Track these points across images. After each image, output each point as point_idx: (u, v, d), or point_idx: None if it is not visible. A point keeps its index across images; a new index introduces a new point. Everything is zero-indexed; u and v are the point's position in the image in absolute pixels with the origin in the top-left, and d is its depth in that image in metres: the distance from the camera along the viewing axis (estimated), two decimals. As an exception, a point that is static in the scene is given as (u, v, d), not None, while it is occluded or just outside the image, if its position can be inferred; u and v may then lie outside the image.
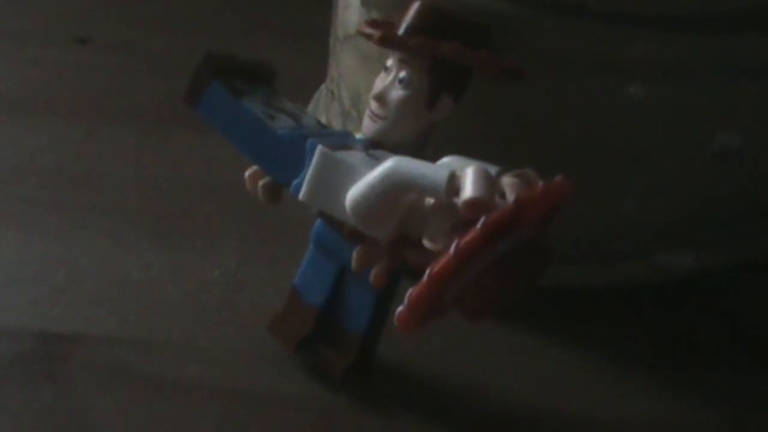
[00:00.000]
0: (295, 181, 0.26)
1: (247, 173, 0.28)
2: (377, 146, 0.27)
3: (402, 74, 0.27)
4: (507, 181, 0.23)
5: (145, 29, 0.48)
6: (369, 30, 0.27)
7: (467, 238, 0.22)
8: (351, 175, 0.25)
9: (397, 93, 0.27)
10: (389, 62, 0.27)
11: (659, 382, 0.31)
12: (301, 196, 0.26)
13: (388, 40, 0.27)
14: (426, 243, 0.23)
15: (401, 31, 0.27)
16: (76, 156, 0.39)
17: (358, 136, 0.28)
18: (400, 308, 0.23)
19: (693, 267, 0.36)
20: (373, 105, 0.27)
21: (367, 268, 0.26)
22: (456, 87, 0.27)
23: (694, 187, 0.33)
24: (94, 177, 0.38)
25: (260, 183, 0.28)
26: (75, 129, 0.41)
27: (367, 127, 0.27)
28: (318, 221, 0.29)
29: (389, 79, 0.27)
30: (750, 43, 0.30)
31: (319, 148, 0.25)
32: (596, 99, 0.30)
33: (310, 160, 0.26)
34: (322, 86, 0.39)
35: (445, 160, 0.26)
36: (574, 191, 0.24)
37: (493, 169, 0.24)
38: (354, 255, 0.26)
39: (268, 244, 0.35)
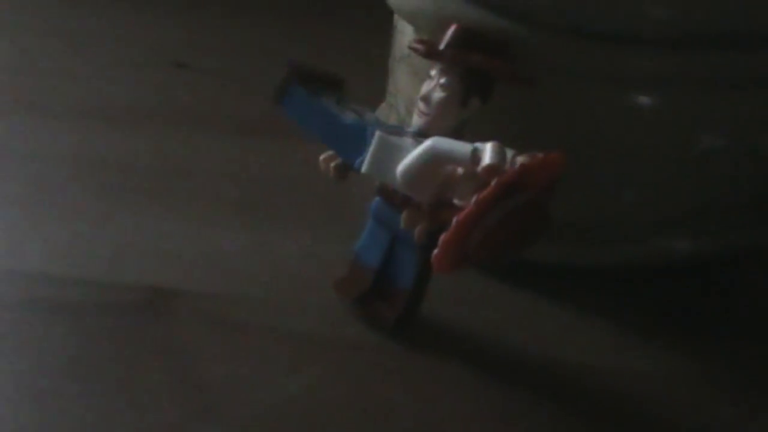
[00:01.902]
0: (359, 159, 0.34)
1: (321, 157, 0.36)
2: (422, 136, 0.34)
3: (442, 80, 0.34)
4: (518, 157, 0.31)
5: (236, 56, 0.56)
6: (417, 45, 0.34)
7: (484, 193, 0.29)
8: (400, 152, 0.33)
9: (438, 95, 0.34)
10: (433, 72, 0.35)
11: (657, 340, 0.38)
12: (363, 169, 0.34)
13: (431, 53, 0.34)
14: (456, 202, 0.31)
15: (441, 46, 0.35)
16: (178, 156, 0.47)
17: (408, 128, 0.36)
18: (434, 251, 0.31)
19: (689, 252, 0.43)
20: (420, 105, 0.35)
21: (413, 227, 0.34)
22: (483, 90, 0.35)
23: (685, 182, 0.39)
24: (194, 172, 0.46)
25: (332, 164, 0.36)
26: (174, 135, 0.49)
27: (415, 121, 0.35)
28: (376, 199, 0.37)
29: (432, 84, 0.35)
30: (727, 59, 0.37)
31: (377, 133, 0.33)
32: (596, 106, 0.37)
33: (370, 142, 0.33)
34: (383, 104, 0.46)
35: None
36: (566, 166, 0.31)
37: (509, 152, 0.32)
38: (402, 217, 0.34)
39: (336, 225, 0.42)
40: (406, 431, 0.33)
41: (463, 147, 0.31)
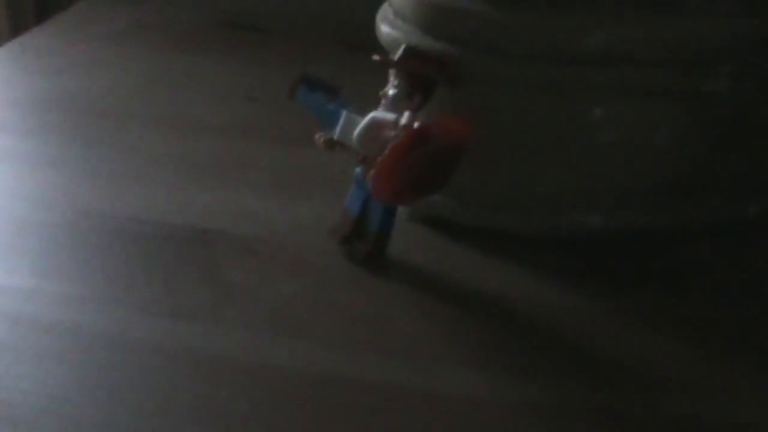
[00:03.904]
0: (336, 129, 0.50)
1: (316, 135, 0.52)
2: (383, 120, 0.50)
3: (395, 82, 0.50)
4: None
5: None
6: (377, 58, 0.50)
7: (400, 137, 0.45)
8: (357, 124, 0.49)
9: (391, 91, 0.49)
10: (391, 77, 0.51)
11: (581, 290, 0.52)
12: (335, 136, 0.50)
13: (386, 62, 0.50)
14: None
15: (395, 58, 0.50)
16: (240, 154, 0.64)
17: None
18: (371, 179, 0.46)
19: (600, 226, 0.56)
20: (383, 99, 0.51)
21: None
22: (425, 89, 0.50)
23: (592, 168, 0.51)
24: (250, 165, 0.63)
25: (322, 139, 0.52)
26: (238, 142, 0.66)
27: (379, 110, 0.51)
28: (357, 168, 0.52)
29: (390, 83, 0.51)
30: (621, 73, 0.50)
31: (344, 112, 0.49)
32: (521, 108, 0.51)
33: (341, 119, 0.50)
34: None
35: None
36: (470, 131, 0.46)
37: (422, 119, 0.47)
38: (360, 168, 0.50)
39: (338, 198, 0.57)
40: (361, 322, 0.48)
41: (391, 116, 0.47)
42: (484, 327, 0.48)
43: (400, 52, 0.50)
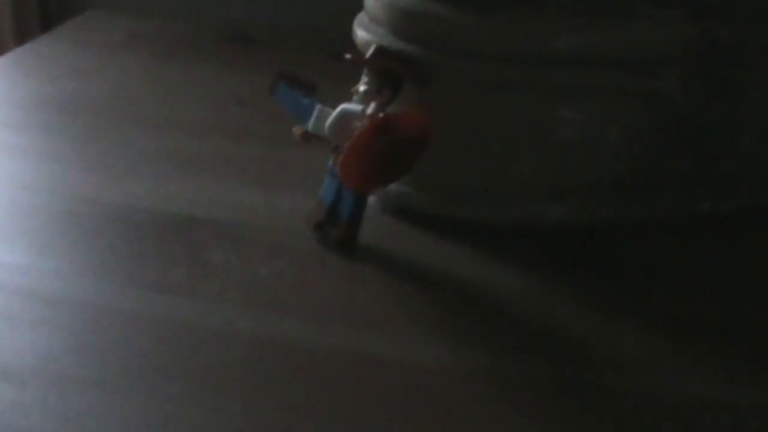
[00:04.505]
0: (309, 122, 0.54)
1: (293, 128, 0.56)
2: (354, 113, 0.55)
3: (365, 78, 0.54)
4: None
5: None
6: (349, 56, 0.54)
7: (365, 125, 0.49)
8: (329, 116, 0.53)
9: (362, 87, 0.54)
10: (363, 74, 0.55)
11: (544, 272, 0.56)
12: (309, 128, 0.54)
13: (357, 60, 0.54)
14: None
15: (366, 56, 0.55)
16: (227, 151, 0.68)
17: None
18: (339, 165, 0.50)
19: (560, 218, 0.60)
20: (354, 95, 0.55)
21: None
22: (393, 85, 0.54)
23: (553, 164, 0.56)
24: (234, 160, 0.67)
25: (299, 132, 0.56)
26: (226, 140, 0.70)
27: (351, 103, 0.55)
28: (330, 160, 0.56)
29: (362, 80, 0.55)
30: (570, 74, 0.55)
31: (317, 106, 0.54)
32: (486, 107, 0.55)
33: (315, 112, 0.54)
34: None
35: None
36: (429, 126, 0.50)
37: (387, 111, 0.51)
38: (333, 157, 0.54)
39: (315, 190, 0.62)
40: (331, 297, 0.52)
41: (358, 108, 0.51)
42: (448, 306, 0.52)
43: (371, 50, 0.54)
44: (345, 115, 0.52)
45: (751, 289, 0.54)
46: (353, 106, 0.52)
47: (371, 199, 0.58)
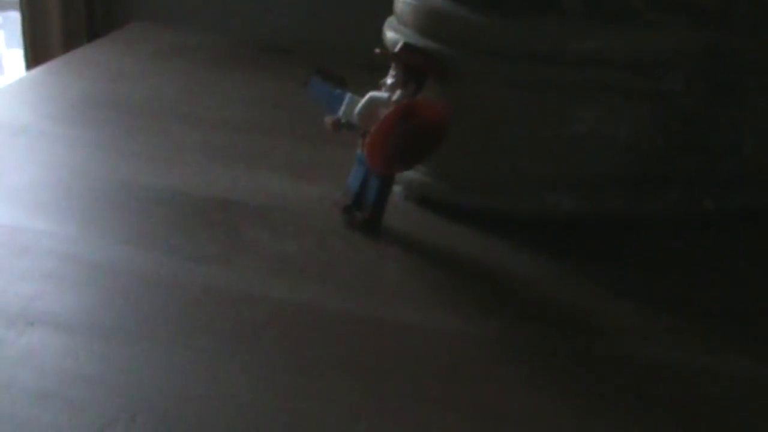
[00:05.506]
0: (340, 110, 0.59)
1: (325, 118, 0.61)
2: (381, 102, 0.59)
3: (394, 72, 0.59)
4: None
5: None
6: (378, 51, 0.59)
7: (389, 111, 0.53)
8: (357, 103, 0.57)
9: (389, 79, 0.58)
10: (391, 68, 0.59)
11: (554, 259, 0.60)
12: (340, 114, 0.58)
13: (387, 55, 0.59)
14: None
15: (394, 51, 0.59)
16: (260, 145, 0.73)
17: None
18: (365, 149, 0.55)
19: (571, 210, 0.64)
20: (383, 86, 0.59)
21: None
22: (417, 79, 0.58)
23: (563, 156, 0.61)
24: (266, 154, 0.72)
25: (330, 121, 0.60)
26: (258, 136, 0.75)
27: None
28: (358, 150, 0.61)
29: (390, 73, 0.59)
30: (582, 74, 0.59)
31: (348, 95, 0.58)
32: (496, 101, 0.59)
33: (346, 99, 0.58)
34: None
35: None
36: (447, 114, 0.54)
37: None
38: (361, 142, 0.58)
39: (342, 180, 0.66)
40: (354, 270, 0.56)
41: (385, 95, 0.56)
42: (461, 282, 0.56)
43: (398, 46, 0.59)
44: (373, 102, 0.56)
45: (753, 280, 0.58)
46: (381, 94, 0.57)
47: (395, 188, 0.62)
